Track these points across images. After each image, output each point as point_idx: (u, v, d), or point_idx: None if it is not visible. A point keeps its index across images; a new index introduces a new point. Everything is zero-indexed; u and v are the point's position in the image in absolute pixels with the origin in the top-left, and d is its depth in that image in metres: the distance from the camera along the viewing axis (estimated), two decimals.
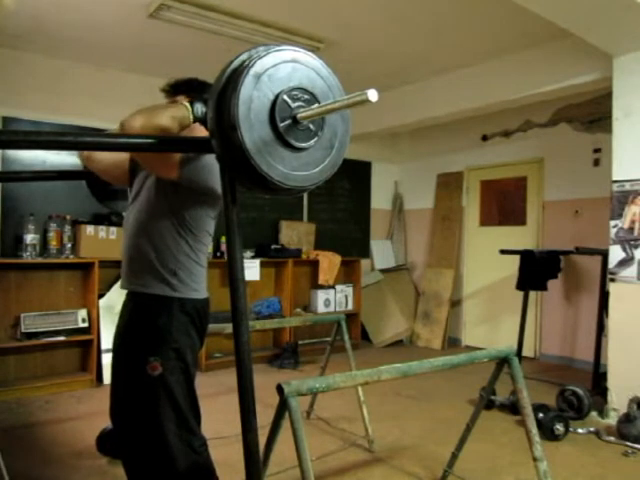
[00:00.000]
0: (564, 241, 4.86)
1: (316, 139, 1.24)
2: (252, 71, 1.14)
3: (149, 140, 1.34)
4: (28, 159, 4.30)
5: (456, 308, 6.01)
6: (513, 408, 3.50)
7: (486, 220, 5.89)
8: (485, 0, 3.36)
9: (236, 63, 1.19)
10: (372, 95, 1.03)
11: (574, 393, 3.48)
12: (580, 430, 3.27)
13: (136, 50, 4.28)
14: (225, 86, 1.16)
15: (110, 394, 1.77)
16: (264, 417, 1.72)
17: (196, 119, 1.59)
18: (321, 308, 5.59)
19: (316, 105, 1.21)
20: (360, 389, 2.98)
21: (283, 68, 1.19)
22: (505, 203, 5.90)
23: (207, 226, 1.78)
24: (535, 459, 2.06)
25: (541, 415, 3.14)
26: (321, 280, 5.53)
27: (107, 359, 4.28)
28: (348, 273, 5.96)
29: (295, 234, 5.65)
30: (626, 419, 3.15)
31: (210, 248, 4.88)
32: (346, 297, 5.79)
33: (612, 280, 3.50)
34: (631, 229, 3.41)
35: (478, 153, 5.85)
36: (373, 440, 2.96)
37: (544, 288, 4.36)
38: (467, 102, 4.69)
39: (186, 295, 1.71)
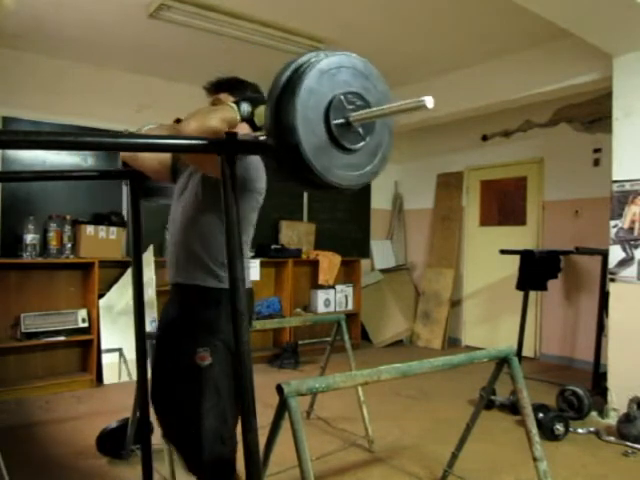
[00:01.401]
0: (564, 241, 4.86)
1: (363, 143, 1.28)
2: (318, 66, 1.20)
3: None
4: (28, 159, 4.30)
5: (456, 308, 6.01)
6: (513, 408, 3.50)
7: (486, 220, 5.89)
8: (485, 0, 3.36)
9: (302, 60, 1.24)
10: (429, 102, 1.07)
11: (574, 393, 3.48)
12: (580, 430, 3.27)
13: (136, 50, 4.28)
14: (289, 79, 1.21)
15: (152, 379, 1.84)
16: (264, 417, 1.71)
17: (242, 119, 1.63)
18: (321, 308, 5.59)
19: (371, 109, 1.26)
20: (360, 389, 2.98)
21: (345, 71, 1.26)
22: (505, 203, 5.91)
23: (252, 220, 1.87)
24: (535, 459, 2.06)
25: (541, 415, 3.14)
26: (321, 280, 5.53)
27: (107, 359, 4.29)
28: (348, 273, 5.96)
29: (295, 234, 5.65)
30: (626, 419, 3.15)
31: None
32: (346, 297, 5.79)
33: (612, 280, 3.50)
34: (631, 229, 3.41)
35: (478, 153, 5.85)
36: (373, 440, 2.96)
37: (544, 288, 4.36)
38: (467, 102, 4.69)
39: None
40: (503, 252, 4.46)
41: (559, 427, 3.13)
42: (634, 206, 3.40)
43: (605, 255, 3.70)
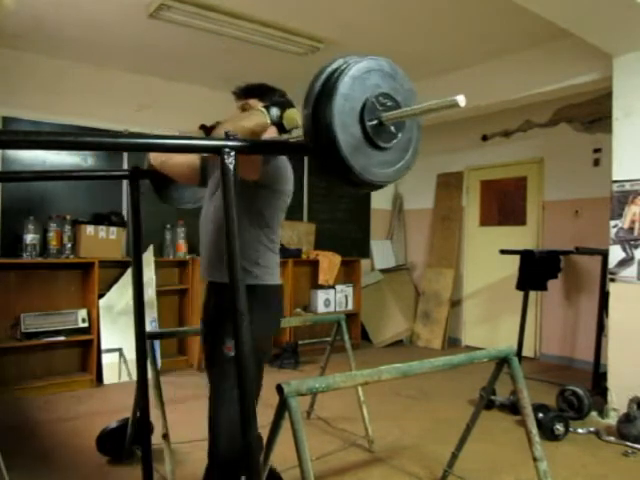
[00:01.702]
0: (564, 241, 4.86)
1: (395, 141, 1.37)
2: (350, 73, 1.29)
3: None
4: (28, 159, 4.30)
5: (456, 308, 6.01)
6: (513, 408, 3.49)
7: (486, 220, 5.89)
8: (485, 0, 3.36)
9: (333, 66, 1.34)
10: (461, 100, 1.15)
11: (574, 393, 3.48)
12: (580, 430, 3.27)
13: (136, 50, 4.28)
14: (324, 85, 1.30)
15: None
16: (264, 417, 1.71)
17: (272, 122, 1.76)
18: (321, 308, 5.58)
19: (403, 109, 1.35)
20: (360, 389, 2.98)
21: (374, 75, 1.36)
22: (505, 203, 5.90)
23: (280, 219, 1.99)
24: (535, 459, 2.06)
25: (541, 415, 3.14)
26: (321, 280, 5.53)
27: (107, 359, 4.29)
28: (348, 273, 5.95)
29: (295, 234, 5.65)
30: (626, 419, 3.15)
31: None
32: (346, 297, 5.79)
33: (612, 280, 3.50)
34: (631, 229, 3.41)
35: (478, 153, 5.84)
36: (373, 440, 2.96)
37: (544, 288, 4.36)
38: (467, 102, 4.69)
39: (265, 282, 1.93)
40: (503, 252, 4.46)
41: (559, 427, 3.13)
42: (634, 206, 3.39)
43: (605, 255, 3.70)
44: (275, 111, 1.77)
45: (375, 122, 1.31)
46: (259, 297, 1.87)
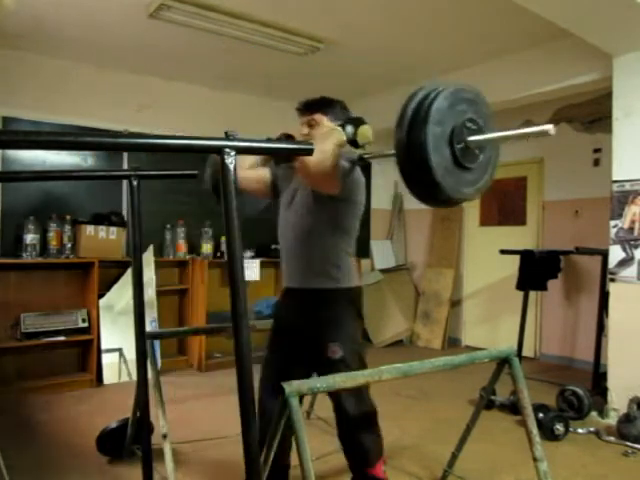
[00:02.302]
0: (564, 241, 4.86)
1: (478, 162, 1.51)
2: (441, 100, 1.43)
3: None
4: (28, 159, 4.30)
5: (456, 308, 6.00)
6: (513, 408, 3.49)
7: (486, 220, 5.88)
8: (485, 0, 3.36)
9: (423, 93, 1.47)
10: (550, 130, 1.32)
11: (574, 393, 3.48)
12: (580, 430, 3.27)
13: (136, 50, 4.28)
14: (416, 110, 1.44)
15: (271, 368, 2.15)
16: None
17: (347, 140, 1.95)
18: None
19: (490, 134, 1.51)
20: None
21: (461, 101, 1.50)
22: (505, 203, 5.89)
23: (357, 227, 2.17)
24: (535, 459, 2.06)
25: (541, 415, 3.14)
26: None
27: (107, 359, 4.28)
28: None
29: None
30: (626, 419, 3.15)
31: (210, 248, 4.90)
32: None
33: (612, 280, 3.50)
34: (631, 229, 3.41)
35: None
36: None
37: (544, 288, 4.36)
38: None
39: (348, 285, 2.10)
40: (503, 252, 4.46)
41: (559, 427, 3.12)
42: (634, 206, 3.39)
43: (605, 255, 3.70)
44: (350, 129, 1.95)
45: (462, 145, 1.45)
46: (345, 299, 2.08)
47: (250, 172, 2.22)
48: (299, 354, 2.10)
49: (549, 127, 1.30)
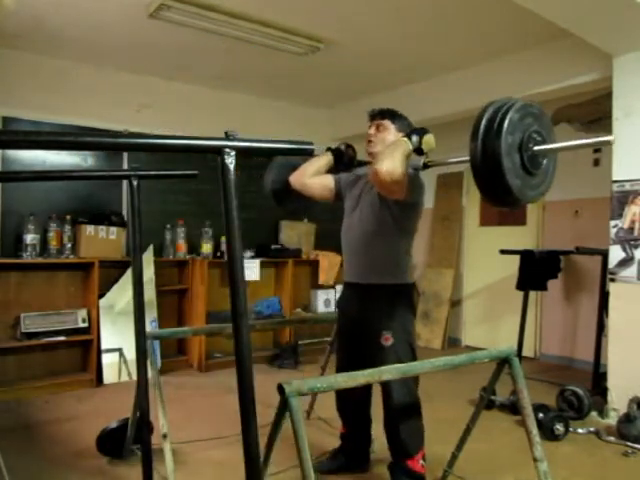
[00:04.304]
0: (564, 241, 4.85)
1: (542, 168, 1.75)
2: (512, 114, 1.66)
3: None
4: (28, 159, 4.30)
5: (456, 308, 6.00)
6: (513, 408, 3.49)
7: (486, 220, 5.88)
8: (485, 0, 3.36)
9: (495, 106, 1.70)
10: (612, 139, 1.69)
11: (574, 393, 3.48)
12: (580, 430, 3.27)
13: (136, 50, 4.28)
14: (489, 122, 1.68)
15: (342, 356, 2.52)
16: (264, 417, 1.71)
17: (413, 148, 2.18)
18: (321, 308, 5.58)
19: (554, 144, 1.77)
20: None
21: (528, 115, 1.73)
22: None
23: (417, 227, 2.40)
24: (535, 459, 2.06)
25: (541, 415, 3.14)
26: (321, 280, 5.53)
27: (107, 359, 4.28)
28: None
29: (295, 234, 5.65)
30: (626, 419, 3.15)
31: (210, 248, 4.89)
32: None
33: (612, 280, 3.50)
34: (631, 229, 3.41)
35: None
36: (373, 440, 2.96)
37: (544, 288, 4.36)
38: (467, 102, 4.68)
39: (405, 281, 2.36)
40: (503, 252, 4.46)
41: (559, 427, 3.12)
42: (634, 206, 3.39)
43: (605, 255, 3.70)
44: (415, 138, 2.20)
45: (529, 153, 1.67)
46: (401, 294, 2.32)
47: (315, 179, 2.53)
48: (357, 340, 2.37)
49: (610, 138, 1.63)
